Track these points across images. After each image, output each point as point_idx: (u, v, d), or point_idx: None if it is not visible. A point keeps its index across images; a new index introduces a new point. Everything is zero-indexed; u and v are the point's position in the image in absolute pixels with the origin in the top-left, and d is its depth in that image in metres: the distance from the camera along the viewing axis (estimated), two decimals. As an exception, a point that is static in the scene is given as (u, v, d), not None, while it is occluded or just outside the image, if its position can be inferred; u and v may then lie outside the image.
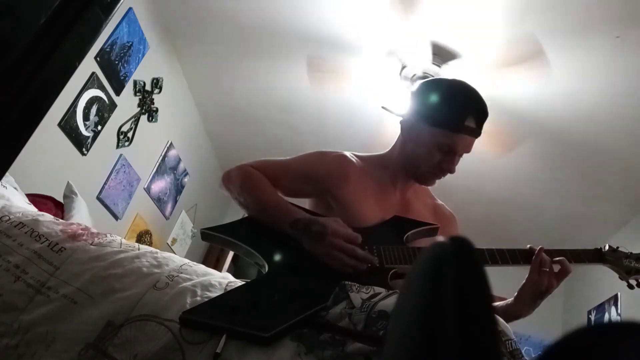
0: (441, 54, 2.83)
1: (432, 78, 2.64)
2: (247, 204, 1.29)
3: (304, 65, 3.11)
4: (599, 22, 2.39)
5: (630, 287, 1.24)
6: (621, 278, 1.25)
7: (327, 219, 1.18)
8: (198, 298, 1.00)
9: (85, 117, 2.77)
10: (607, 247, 1.27)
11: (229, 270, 4.20)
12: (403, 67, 2.94)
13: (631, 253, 1.26)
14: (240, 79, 3.55)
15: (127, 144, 3.28)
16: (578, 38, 2.51)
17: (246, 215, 1.31)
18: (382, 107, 2.99)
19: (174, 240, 4.33)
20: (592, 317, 3.88)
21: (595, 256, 1.26)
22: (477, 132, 1.32)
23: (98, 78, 2.79)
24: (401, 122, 1.42)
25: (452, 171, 1.36)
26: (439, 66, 2.84)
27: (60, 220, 1.22)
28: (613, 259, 1.25)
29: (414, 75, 2.89)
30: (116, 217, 3.36)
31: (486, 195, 4.00)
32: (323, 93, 3.36)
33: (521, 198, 3.92)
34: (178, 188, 4.19)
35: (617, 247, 1.27)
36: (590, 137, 3.10)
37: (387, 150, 1.48)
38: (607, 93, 2.76)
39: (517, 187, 3.82)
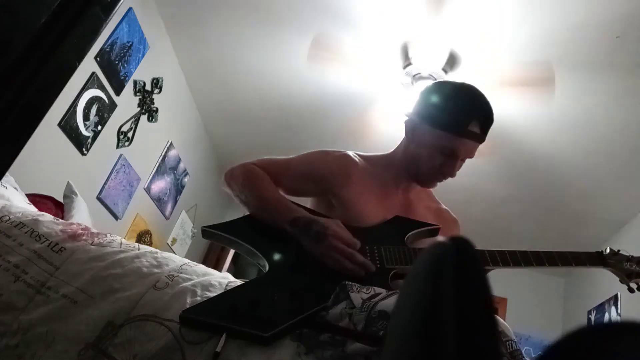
0: (452, 61, 2.82)
1: (441, 80, 2.62)
2: (248, 201, 1.29)
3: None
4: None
5: (631, 290, 1.23)
6: (622, 281, 1.24)
7: (328, 220, 1.18)
8: (198, 298, 1.00)
9: (85, 117, 2.77)
10: (608, 250, 1.25)
11: (229, 270, 4.19)
12: (408, 64, 2.86)
13: (632, 256, 1.24)
14: (242, 78, 3.55)
15: (127, 144, 3.28)
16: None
17: (247, 213, 1.31)
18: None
19: (174, 240, 4.32)
20: (592, 317, 3.88)
21: (597, 259, 1.24)
22: (480, 138, 1.30)
23: (98, 78, 2.79)
24: (405, 123, 1.41)
25: (452, 175, 1.35)
26: (446, 72, 2.83)
27: (60, 220, 1.22)
28: (614, 262, 1.23)
29: (418, 74, 2.84)
30: (116, 217, 3.36)
31: (485, 195, 4.00)
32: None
33: (521, 197, 3.92)
34: (178, 188, 4.19)
35: (619, 250, 1.25)
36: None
37: (391, 150, 1.48)
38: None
39: (517, 186, 3.82)
